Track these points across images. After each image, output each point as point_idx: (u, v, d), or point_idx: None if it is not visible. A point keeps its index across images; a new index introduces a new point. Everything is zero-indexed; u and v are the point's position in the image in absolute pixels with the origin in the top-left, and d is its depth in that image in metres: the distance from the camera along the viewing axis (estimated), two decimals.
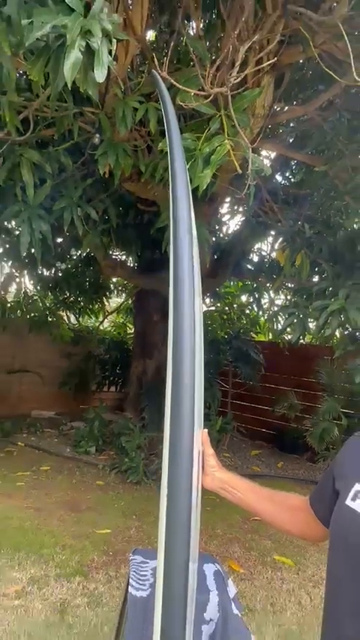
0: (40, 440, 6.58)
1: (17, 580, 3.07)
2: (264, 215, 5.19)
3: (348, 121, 4.13)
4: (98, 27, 1.71)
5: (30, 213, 3.37)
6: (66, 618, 2.73)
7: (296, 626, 2.89)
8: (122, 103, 2.93)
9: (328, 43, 2.89)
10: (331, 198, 4.34)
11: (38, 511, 4.23)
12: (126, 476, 5.22)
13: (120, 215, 5.25)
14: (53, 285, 7.31)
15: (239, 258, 6.74)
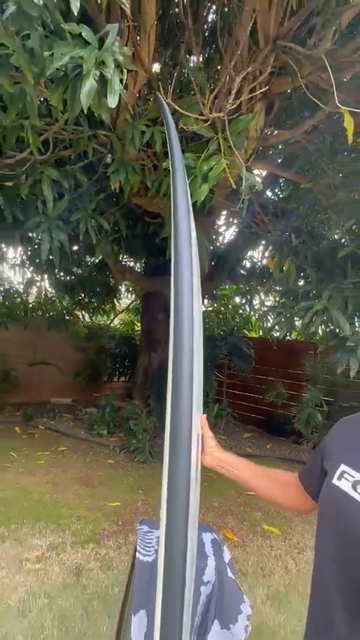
0: (58, 423, 6.59)
1: (38, 546, 3.07)
2: (256, 226, 5.18)
3: (330, 144, 4.12)
4: (111, 59, 1.70)
5: (49, 224, 3.37)
6: (81, 580, 2.74)
7: (283, 588, 2.89)
8: (131, 127, 2.92)
9: (313, 74, 2.87)
10: (315, 211, 4.32)
11: (56, 486, 4.23)
12: (134, 455, 5.22)
13: (129, 226, 5.24)
14: (69, 288, 7.31)
15: (234, 264, 6.73)
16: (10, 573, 2.73)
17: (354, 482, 0.84)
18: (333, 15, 2.57)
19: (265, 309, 7.36)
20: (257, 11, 2.67)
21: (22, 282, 7.05)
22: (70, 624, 2.33)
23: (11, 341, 7.20)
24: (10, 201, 3.44)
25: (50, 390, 7.92)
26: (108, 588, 2.68)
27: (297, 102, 4.37)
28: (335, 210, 3.68)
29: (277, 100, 3.82)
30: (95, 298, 7.88)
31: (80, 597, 2.56)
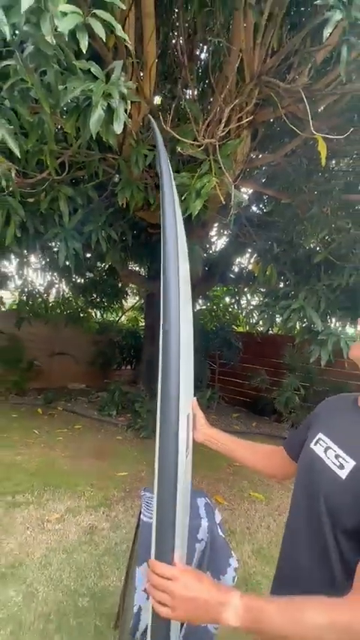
0: (74, 405, 6.58)
1: (57, 510, 3.08)
2: (243, 236, 5.16)
3: (306, 166, 4.10)
4: (116, 91, 1.68)
5: (66, 234, 3.35)
6: (94, 538, 2.75)
7: (266, 544, 2.90)
8: (136, 151, 2.90)
9: (292, 105, 2.86)
10: (294, 224, 4.30)
11: (73, 458, 4.24)
12: (139, 432, 5.23)
13: (134, 236, 5.22)
14: (83, 289, 7.28)
15: (224, 269, 6.71)
16: (34, 533, 2.74)
17: (326, 447, 0.87)
18: (308, 54, 2.55)
19: (251, 308, 7.37)
20: (243, 51, 2.64)
21: (43, 284, 7.02)
22: (85, 575, 2.34)
23: (34, 335, 7.17)
24: (32, 215, 3.41)
25: (67, 377, 7.90)
26: (117, 545, 2.69)
27: (278, 129, 4.35)
28: (310, 222, 3.66)
29: (261, 127, 3.80)
30: (105, 298, 7.85)
31: (93, 553, 2.57)
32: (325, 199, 3.54)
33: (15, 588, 2.17)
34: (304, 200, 3.67)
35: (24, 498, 3.20)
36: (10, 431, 4.99)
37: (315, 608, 0.63)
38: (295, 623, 0.62)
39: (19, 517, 2.91)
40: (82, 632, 1.91)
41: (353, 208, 3.79)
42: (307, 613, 0.62)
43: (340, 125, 3.31)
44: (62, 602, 2.10)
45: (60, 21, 1.30)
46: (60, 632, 1.90)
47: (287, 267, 4.38)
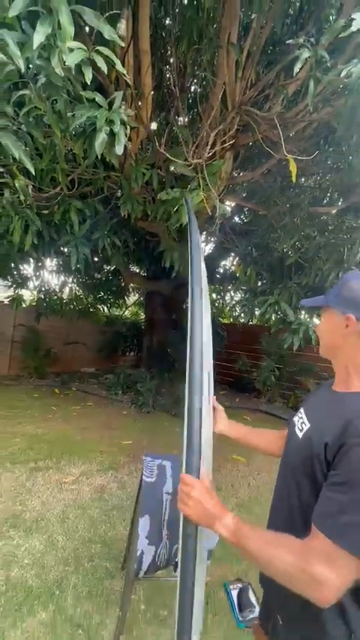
0: (86, 386, 6.57)
1: (73, 473, 3.08)
2: (227, 243, 5.15)
3: (280, 182, 4.09)
4: (118, 118, 1.65)
5: (76, 241, 3.30)
6: (103, 496, 2.76)
7: (247, 499, 2.94)
8: (135, 170, 2.85)
9: (267, 131, 2.83)
10: (269, 232, 4.31)
11: (86, 430, 4.24)
12: (141, 408, 5.24)
13: (135, 243, 5.17)
14: (92, 288, 7.23)
15: (211, 271, 6.71)
16: (54, 492, 2.74)
17: (299, 418, 0.89)
18: (281, 86, 2.52)
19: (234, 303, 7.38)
20: (226, 83, 2.61)
21: (57, 284, 6.95)
22: (97, 526, 2.35)
23: (51, 327, 7.12)
24: (47, 225, 3.36)
25: (80, 362, 7.88)
26: (123, 501, 2.70)
27: (256, 151, 4.32)
28: (283, 230, 3.67)
29: (242, 150, 3.76)
30: (111, 296, 7.81)
31: (104, 508, 2.59)
32: (295, 211, 3.54)
33: (38, 538, 2.18)
34: (278, 212, 3.67)
35: (44, 464, 3.20)
36: (32, 408, 4.97)
37: (277, 545, 0.69)
38: (262, 552, 0.69)
39: (40, 480, 2.91)
40: (95, 573, 1.93)
41: (319, 219, 3.79)
42: (271, 548, 0.68)
43: (308, 148, 3.29)
44: (78, 548, 2.12)
45: (67, 56, 1.27)
46: (76, 573, 1.92)
47: (264, 268, 4.39)
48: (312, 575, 0.62)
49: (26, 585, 1.81)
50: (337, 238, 3.32)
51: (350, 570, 0.63)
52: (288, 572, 0.65)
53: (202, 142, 2.54)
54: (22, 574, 1.88)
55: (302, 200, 3.57)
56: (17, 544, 2.11)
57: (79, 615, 1.66)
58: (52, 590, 1.79)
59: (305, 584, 0.63)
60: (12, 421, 4.37)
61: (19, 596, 1.74)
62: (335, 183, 3.97)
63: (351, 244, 3.23)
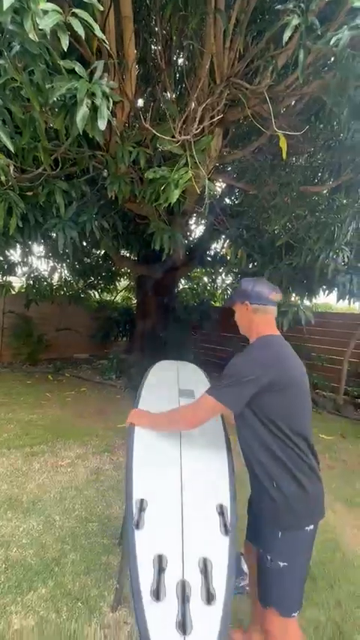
0: (79, 372, 6.57)
1: (68, 456, 3.11)
2: (218, 225, 5.07)
3: (270, 161, 4.00)
4: (99, 90, 1.57)
5: (63, 224, 3.20)
6: (99, 477, 2.80)
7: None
8: (121, 148, 2.74)
9: (257, 106, 2.74)
10: (260, 212, 4.24)
11: (80, 415, 4.26)
12: (134, 391, 5.27)
13: (124, 226, 5.04)
14: (82, 273, 7.10)
15: (202, 254, 6.64)
16: (50, 475, 2.78)
17: None
18: (271, 57, 2.41)
19: (225, 286, 7.37)
20: (214, 54, 2.49)
21: (47, 270, 6.82)
22: (93, 506, 2.40)
23: (42, 314, 7.03)
24: (32, 207, 3.24)
25: (72, 349, 7.85)
26: (119, 482, 2.74)
27: (246, 129, 4.19)
28: (274, 210, 3.61)
29: (231, 127, 3.65)
30: (102, 281, 7.71)
31: (100, 489, 2.63)
32: (286, 190, 3.48)
33: (36, 519, 2.22)
34: (269, 191, 3.60)
35: (40, 449, 3.22)
36: (26, 395, 4.97)
37: (176, 410, 1.27)
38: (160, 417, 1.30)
39: (36, 464, 2.94)
40: (93, 549, 1.99)
41: (310, 198, 3.74)
42: (166, 413, 1.28)
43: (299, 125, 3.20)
44: (75, 527, 2.16)
45: (41, 19, 1.18)
46: (74, 550, 1.97)
47: (255, 250, 4.35)
48: (189, 421, 1.20)
49: (25, 563, 1.85)
50: (327, 217, 3.29)
51: (213, 412, 1.15)
52: (175, 424, 1.24)
53: (190, 117, 2.43)
54: (21, 553, 1.92)
55: (293, 179, 3.50)
56: (15, 525, 2.15)
57: (78, 589, 1.71)
58: (50, 567, 1.83)
59: (183, 423, 1.22)
60: (6, 408, 4.37)
61: (18, 573, 1.78)
62: (326, 162, 3.90)
63: (341, 223, 3.21)
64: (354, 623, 1.62)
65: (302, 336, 5.79)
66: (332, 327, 6.03)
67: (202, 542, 0.97)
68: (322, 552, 2.04)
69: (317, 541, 1.18)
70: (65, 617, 1.56)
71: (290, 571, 1.03)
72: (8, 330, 6.82)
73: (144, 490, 1.11)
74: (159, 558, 0.92)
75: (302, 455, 1.09)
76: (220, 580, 0.89)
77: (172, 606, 0.83)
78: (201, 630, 0.79)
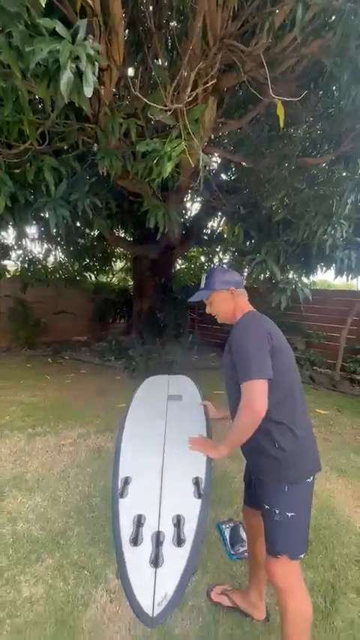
0: (78, 354, 6.59)
1: (70, 436, 3.17)
2: (214, 201, 4.94)
3: (267, 132, 3.84)
4: (83, 52, 1.46)
5: (54, 203, 3.08)
6: (101, 455, 2.86)
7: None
8: (111, 119, 2.61)
9: (253, 70, 2.59)
10: (257, 187, 4.12)
11: (80, 396, 4.31)
12: (134, 373, 5.31)
13: (118, 205, 4.89)
14: (77, 255, 6.96)
15: (198, 232, 6.51)
16: (53, 454, 2.84)
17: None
18: (267, 15, 2.25)
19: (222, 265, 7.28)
20: (207, 12, 2.32)
21: (41, 253, 6.69)
22: (96, 483, 2.47)
23: (38, 297, 6.97)
24: (21, 186, 3.12)
25: (71, 332, 7.84)
26: None
27: (242, 98, 4.00)
28: (271, 184, 3.51)
29: (226, 95, 3.47)
30: (97, 262, 7.59)
31: (102, 465, 2.69)
32: (284, 163, 3.36)
33: (41, 496, 2.28)
34: (266, 164, 3.48)
35: (42, 429, 3.28)
36: (26, 378, 5.01)
37: (237, 422, 1.15)
38: (237, 435, 1.17)
39: (39, 444, 3.00)
40: (96, 522, 2.06)
41: (308, 171, 3.61)
42: (238, 428, 1.15)
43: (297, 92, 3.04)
44: (79, 502, 2.23)
45: None
46: (79, 524, 2.04)
47: (252, 226, 4.27)
48: (255, 410, 1.10)
49: (32, 537, 1.92)
50: (326, 190, 3.20)
51: (265, 389, 1.11)
52: (249, 423, 1.12)
53: (182, 83, 2.30)
54: (28, 527, 1.99)
55: (291, 151, 3.37)
56: (21, 502, 2.21)
57: (84, 559, 1.78)
58: (56, 540, 1.90)
59: (251, 416, 1.11)
60: (7, 391, 4.41)
61: (26, 546, 1.85)
62: (325, 132, 3.74)
63: (340, 196, 3.12)
64: (346, 583, 1.70)
65: (300, 313, 5.78)
66: (330, 305, 6.02)
67: (177, 504, 1.12)
68: (317, 518, 2.12)
69: (313, 508, 1.24)
70: (72, 585, 1.63)
71: (297, 518, 1.17)
72: (5, 314, 6.78)
73: (129, 469, 1.27)
74: (138, 517, 1.08)
75: (297, 408, 1.22)
76: (190, 530, 1.03)
77: (147, 549, 0.99)
78: (171, 564, 0.95)
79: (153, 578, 0.91)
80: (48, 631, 1.42)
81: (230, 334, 1.30)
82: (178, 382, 2.28)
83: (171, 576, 0.92)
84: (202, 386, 2.24)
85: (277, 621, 1.51)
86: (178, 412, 1.74)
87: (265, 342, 1.17)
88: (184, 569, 0.93)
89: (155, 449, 1.39)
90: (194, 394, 2.03)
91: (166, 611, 0.86)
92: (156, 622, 0.84)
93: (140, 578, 0.92)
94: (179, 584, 0.91)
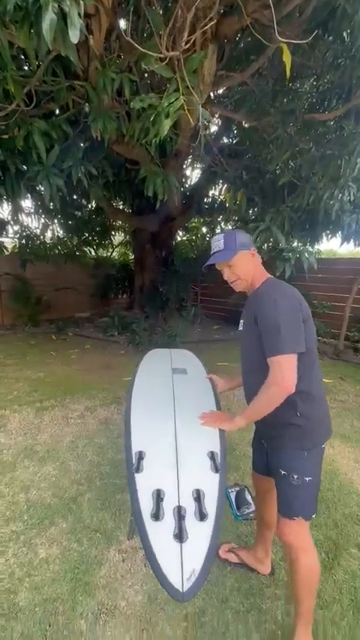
0: (82, 330, 6.60)
1: (77, 409, 3.22)
2: (215, 166, 4.68)
3: (272, 86, 3.54)
4: None
5: (47, 171, 2.92)
6: (109, 427, 2.91)
7: None
8: (102, 75, 2.41)
9: (257, 11, 2.33)
10: (260, 149, 3.87)
11: (86, 371, 4.35)
12: (138, 347, 5.33)
13: (115, 174, 4.67)
14: (75, 229, 6.79)
15: (199, 201, 6.26)
16: (61, 427, 2.89)
17: (240, 324, 1.37)
18: None
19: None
20: None
21: (38, 227, 6.52)
22: (104, 452, 2.53)
23: (38, 274, 6.88)
24: (10, 154, 2.95)
25: (73, 308, 7.81)
26: None
27: (244, 48, 3.66)
28: (276, 145, 3.28)
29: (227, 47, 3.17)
30: (96, 236, 7.41)
31: (109, 436, 2.75)
32: (289, 120, 3.12)
33: (52, 465, 2.35)
34: (270, 123, 3.24)
35: (49, 403, 3.33)
36: (31, 355, 5.04)
37: (261, 395, 1.12)
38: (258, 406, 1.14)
39: (47, 417, 3.05)
40: (106, 489, 2.12)
41: (315, 129, 3.37)
42: (261, 399, 1.13)
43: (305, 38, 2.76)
44: (89, 471, 2.30)
45: None
46: (90, 491, 2.11)
47: (255, 192, 4.07)
48: (285, 387, 1.07)
49: (45, 503, 1.99)
50: (334, 149, 2.99)
51: (295, 363, 1.08)
52: (276, 399, 1.09)
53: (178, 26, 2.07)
54: (41, 494, 2.06)
55: (297, 107, 3.13)
56: (33, 472, 2.28)
57: (96, 522, 1.85)
58: (69, 506, 1.97)
59: (280, 393, 1.08)
60: (13, 367, 4.45)
61: (40, 512, 1.92)
62: (335, 84, 3.45)
63: (348, 155, 2.92)
64: (348, 540, 1.77)
65: (304, 283, 5.67)
66: (335, 274, 5.89)
67: (196, 478, 1.11)
68: (322, 481, 2.17)
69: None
70: (86, 546, 1.70)
71: (313, 482, 1.21)
72: (6, 293, 6.73)
73: (142, 443, 1.24)
74: (157, 492, 1.05)
75: (316, 374, 1.22)
76: (211, 505, 1.02)
77: (170, 524, 0.98)
78: (195, 538, 0.94)
79: (179, 554, 0.90)
80: (65, 587, 1.49)
81: (250, 303, 1.25)
82: (180, 356, 2.26)
83: (197, 552, 0.91)
84: (205, 358, 2.22)
85: (281, 575, 1.58)
86: (185, 385, 1.73)
87: (297, 313, 1.12)
88: (209, 543, 0.93)
89: (166, 422, 1.37)
90: (198, 367, 2.01)
91: (195, 586, 0.85)
92: (186, 597, 0.84)
93: (166, 553, 0.91)
94: (206, 559, 0.90)
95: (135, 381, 1.74)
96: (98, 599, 1.44)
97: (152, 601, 1.44)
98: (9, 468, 2.31)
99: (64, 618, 1.36)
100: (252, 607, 1.43)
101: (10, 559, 1.63)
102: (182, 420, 1.39)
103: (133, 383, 1.72)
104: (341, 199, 3.15)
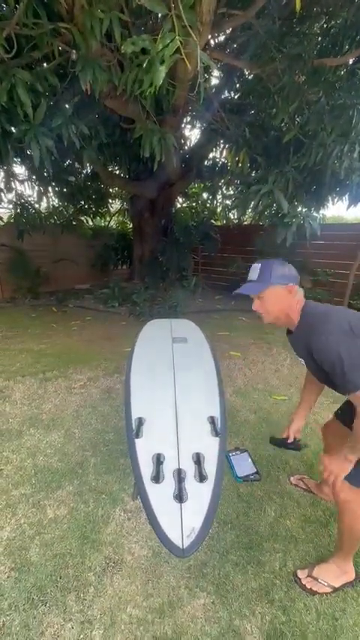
0: (82, 302, 6.54)
1: (80, 379, 3.25)
2: (216, 123, 4.36)
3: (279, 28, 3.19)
4: None
5: (35, 130, 2.70)
6: (112, 395, 2.95)
7: (243, 387, 3.18)
8: (89, 15, 2.15)
9: None
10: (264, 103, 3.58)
11: (87, 342, 4.36)
12: (139, 317, 5.31)
13: (109, 134, 4.38)
14: (71, 197, 6.51)
15: (198, 163, 5.92)
16: (65, 396, 2.94)
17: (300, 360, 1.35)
18: None
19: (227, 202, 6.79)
20: None
21: (32, 196, 6.25)
22: (108, 420, 2.58)
23: (36, 245, 6.71)
24: None
25: (73, 280, 7.69)
26: None
27: None
28: (281, 96, 3.02)
29: None
30: (92, 204, 7.12)
31: (113, 405, 2.79)
32: (296, 66, 2.84)
33: (57, 433, 2.41)
34: (275, 69, 2.95)
35: (52, 374, 3.36)
36: (33, 327, 5.04)
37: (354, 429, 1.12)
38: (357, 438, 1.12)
39: (50, 388, 3.09)
40: (111, 454, 2.18)
41: (325, 76, 3.08)
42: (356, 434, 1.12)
43: None
44: (93, 438, 2.35)
45: None
46: (95, 456, 2.17)
47: (258, 151, 3.81)
48: None
49: (52, 468, 2.06)
50: (345, 98, 2.74)
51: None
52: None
53: None
54: (47, 460, 2.12)
55: (306, 50, 2.83)
56: (39, 439, 2.34)
57: (101, 485, 1.92)
58: (75, 470, 2.04)
59: None
60: (15, 340, 4.46)
61: (47, 476, 1.99)
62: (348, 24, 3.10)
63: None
64: None
65: (307, 251, 5.51)
66: (340, 240, 5.70)
67: (196, 442, 1.12)
68: None
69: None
70: (93, 506, 1.78)
71: None
72: (4, 265, 6.60)
73: (142, 409, 1.25)
74: (157, 456, 1.08)
75: None
76: (211, 467, 1.04)
77: (170, 486, 1.00)
78: (195, 499, 0.96)
79: (179, 513, 0.93)
80: (73, 544, 1.57)
81: (299, 340, 1.24)
82: (181, 325, 2.23)
83: (197, 511, 0.93)
84: (206, 328, 2.19)
85: (279, 531, 1.65)
86: (185, 353, 1.71)
87: (350, 336, 1.07)
88: (209, 503, 0.95)
89: (165, 389, 1.38)
90: (199, 336, 1.99)
91: (195, 543, 0.88)
92: (187, 553, 0.86)
93: (166, 512, 0.94)
94: (206, 517, 0.92)
95: (135, 349, 1.73)
96: (105, 553, 1.52)
97: (156, 555, 1.52)
98: (15, 436, 2.36)
99: (73, 571, 1.44)
100: (251, 559, 1.50)
101: (20, 519, 1.70)
102: (182, 386, 1.39)
103: (133, 351, 1.70)
104: (351, 156, 2.94)
